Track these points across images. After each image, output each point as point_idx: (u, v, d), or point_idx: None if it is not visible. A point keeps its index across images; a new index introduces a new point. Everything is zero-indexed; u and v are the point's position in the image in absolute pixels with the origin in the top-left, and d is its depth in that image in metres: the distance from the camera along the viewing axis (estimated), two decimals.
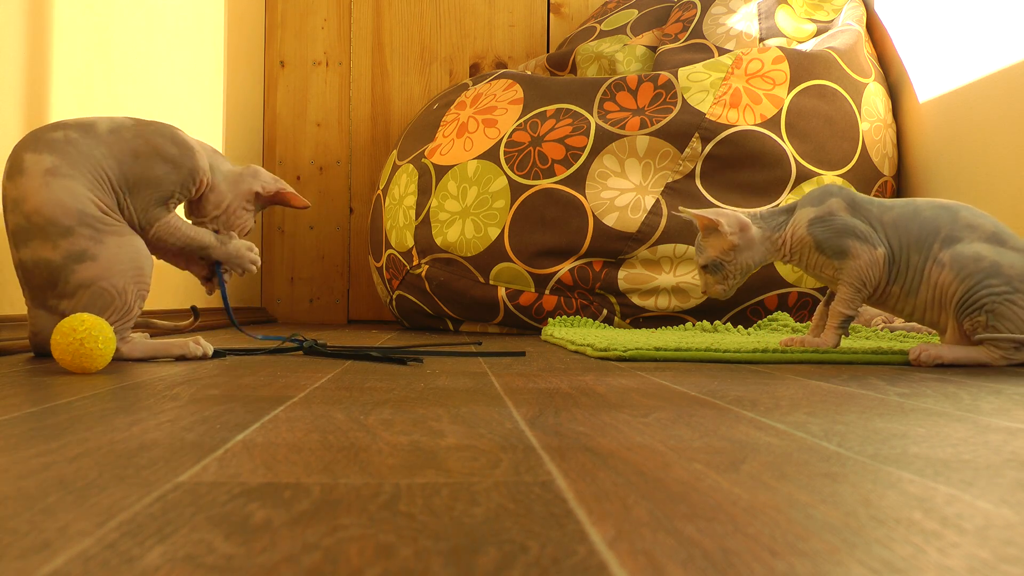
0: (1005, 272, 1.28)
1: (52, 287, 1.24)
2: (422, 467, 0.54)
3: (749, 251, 1.40)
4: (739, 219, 1.40)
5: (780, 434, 0.66)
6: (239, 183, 1.40)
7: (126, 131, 1.31)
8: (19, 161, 1.26)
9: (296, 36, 3.14)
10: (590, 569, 0.35)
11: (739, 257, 1.39)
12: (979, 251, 1.29)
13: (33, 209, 1.23)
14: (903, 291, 1.35)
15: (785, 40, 2.56)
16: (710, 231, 1.40)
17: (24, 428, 0.66)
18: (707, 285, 1.42)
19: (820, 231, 1.36)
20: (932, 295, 1.33)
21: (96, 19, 1.81)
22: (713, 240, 1.39)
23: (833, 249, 1.35)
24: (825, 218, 1.36)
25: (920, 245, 1.33)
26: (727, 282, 1.41)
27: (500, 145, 2.33)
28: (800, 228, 1.38)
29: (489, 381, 1.04)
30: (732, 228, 1.39)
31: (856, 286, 1.35)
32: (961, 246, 1.30)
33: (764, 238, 1.40)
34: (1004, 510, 0.44)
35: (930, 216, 1.34)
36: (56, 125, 1.29)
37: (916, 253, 1.33)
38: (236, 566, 0.34)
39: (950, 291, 1.31)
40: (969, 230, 1.32)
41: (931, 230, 1.33)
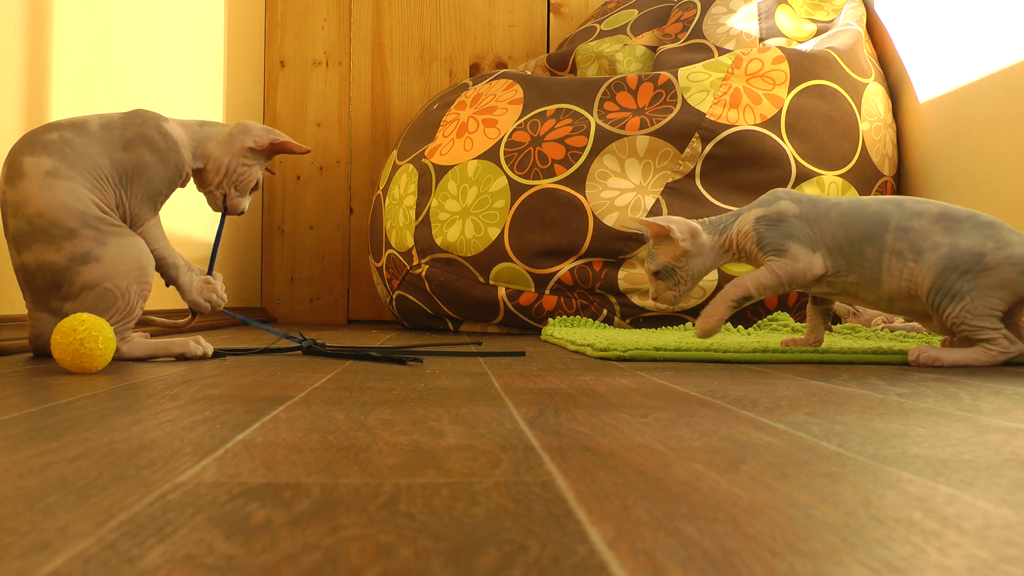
0: (963, 248, 1.29)
1: (56, 290, 1.24)
2: (422, 467, 0.54)
3: (700, 257, 1.41)
4: (690, 225, 1.41)
5: (780, 434, 0.66)
6: (231, 143, 1.41)
7: (116, 124, 1.32)
8: (17, 165, 1.26)
9: (296, 36, 3.14)
10: (590, 569, 0.35)
11: (691, 263, 1.41)
12: (935, 240, 1.31)
13: (36, 212, 1.23)
14: (863, 281, 1.36)
15: (785, 40, 2.56)
16: (661, 238, 1.41)
17: (24, 428, 0.66)
18: (658, 292, 1.43)
19: (765, 228, 1.38)
20: (899, 287, 1.34)
21: (96, 19, 1.81)
22: (665, 247, 1.40)
23: (773, 247, 1.37)
24: (772, 218, 1.38)
25: (872, 238, 1.35)
26: (678, 288, 1.42)
27: (500, 145, 2.33)
28: (747, 225, 1.40)
29: (489, 381, 1.04)
30: (684, 235, 1.40)
31: (781, 279, 1.36)
32: (916, 236, 1.32)
33: (713, 243, 1.42)
34: (1004, 510, 0.44)
35: (877, 209, 1.36)
36: (50, 127, 1.29)
37: (869, 246, 1.35)
38: (236, 566, 0.34)
39: (916, 282, 1.32)
40: (917, 217, 1.33)
41: (880, 222, 1.35)
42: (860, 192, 2.33)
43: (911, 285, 1.33)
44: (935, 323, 1.35)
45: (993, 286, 1.28)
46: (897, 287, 1.34)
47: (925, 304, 1.33)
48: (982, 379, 1.11)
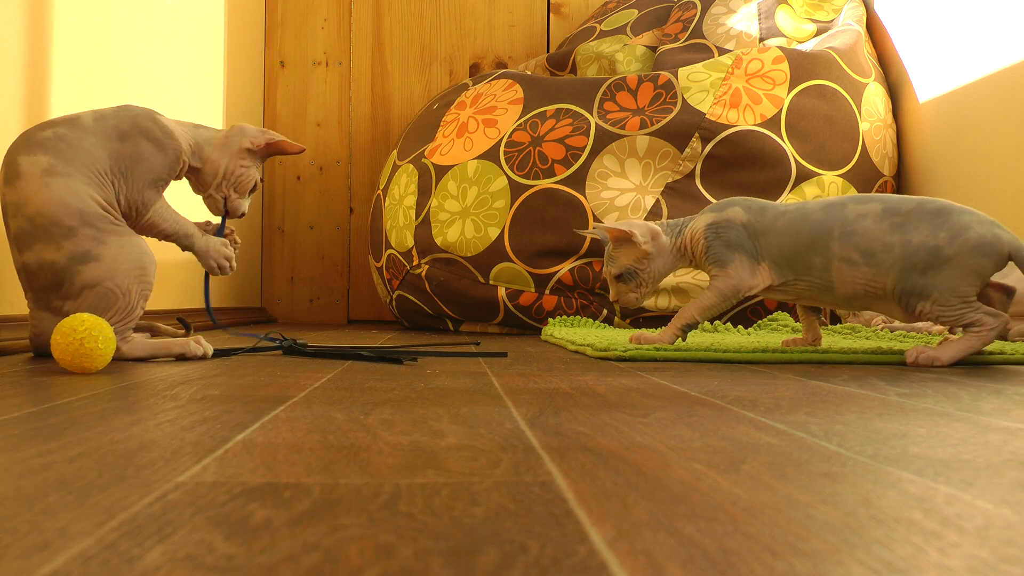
0: (916, 245, 1.28)
1: (57, 289, 1.24)
2: (422, 467, 0.54)
3: (661, 258, 1.42)
4: (650, 227, 1.42)
5: (780, 434, 0.66)
6: (228, 145, 1.41)
7: (109, 117, 1.33)
8: (14, 165, 1.26)
9: (296, 36, 3.14)
10: (590, 569, 0.35)
11: (652, 265, 1.42)
12: (885, 240, 1.30)
13: (35, 211, 1.24)
14: (815, 287, 1.37)
15: (785, 40, 2.56)
16: (622, 242, 1.41)
17: (24, 428, 0.66)
18: (620, 294, 1.43)
19: (712, 236, 1.39)
20: (855, 290, 1.34)
21: (96, 19, 1.81)
22: (626, 250, 1.41)
23: (715, 257, 1.39)
24: (721, 225, 1.39)
25: (818, 247, 1.34)
26: (640, 290, 1.43)
27: (500, 145, 2.33)
28: (698, 230, 1.41)
29: (489, 381, 1.04)
30: (645, 237, 1.41)
31: (725, 295, 1.38)
32: (862, 240, 1.32)
33: (672, 246, 1.43)
34: (1004, 510, 0.44)
35: (820, 218, 1.35)
36: (44, 125, 1.30)
37: (816, 255, 1.35)
38: (236, 566, 0.34)
39: (877, 285, 1.32)
40: (861, 219, 1.33)
41: (824, 231, 1.34)
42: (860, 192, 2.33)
43: (869, 288, 1.33)
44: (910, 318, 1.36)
45: (957, 276, 1.27)
46: (853, 291, 1.34)
47: (894, 304, 1.33)
48: (982, 379, 1.11)
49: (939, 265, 1.28)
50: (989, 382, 1.07)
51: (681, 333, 1.42)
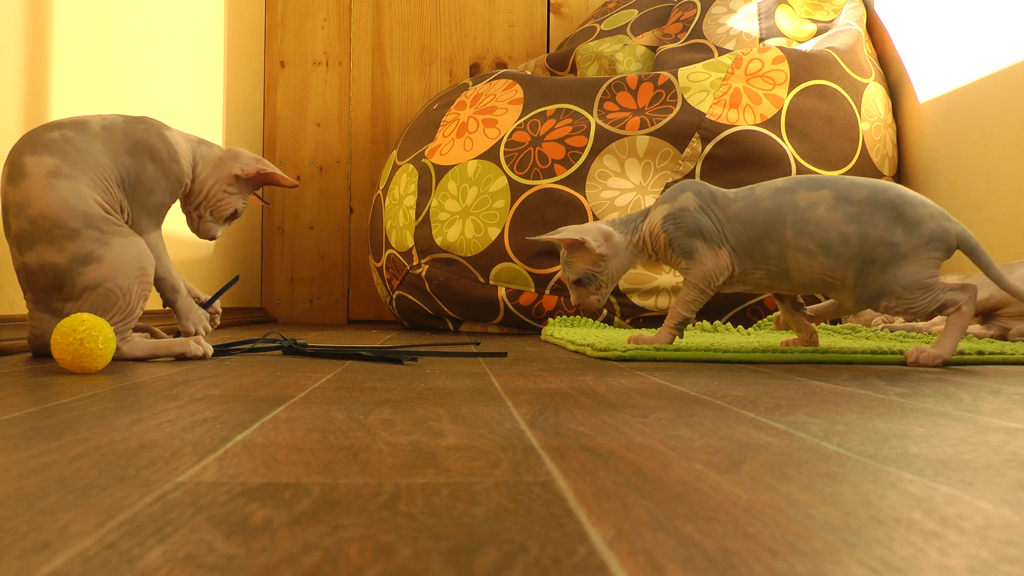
0: (875, 240, 1.29)
1: (58, 290, 1.24)
2: (422, 467, 0.54)
3: (617, 258, 1.42)
4: (601, 229, 1.42)
5: (780, 434, 0.66)
6: (219, 167, 1.41)
7: (117, 129, 1.32)
8: (19, 164, 1.25)
9: (296, 36, 3.14)
10: (590, 569, 0.35)
11: (609, 266, 1.42)
12: (841, 232, 1.30)
13: (38, 212, 1.23)
14: (771, 275, 1.37)
15: (785, 40, 2.56)
16: (576, 248, 1.41)
17: (24, 428, 0.66)
18: (580, 298, 1.43)
19: (672, 228, 1.39)
20: (811, 279, 1.34)
21: (96, 19, 1.81)
22: (581, 255, 1.41)
23: (681, 249, 1.39)
24: (677, 215, 1.39)
25: (771, 236, 1.35)
26: (600, 292, 1.43)
27: (500, 145, 2.33)
28: (656, 224, 1.41)
29: (489, 381, 1.04)
30: (598, 241, 1.40)
31: (700, 287, 1.39)
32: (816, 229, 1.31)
33: (627, 242, 1.43)
34: (1004, 510, 0.44)
35: (771, 205, 1.35)
36: (51, 125, 1.29)
37: (771, 243, 1.35)
38: (236, 566, 0.34)
39: (836, 277, 1.32)
40: (813, 207, 1.32)
41: (777, 219, 1.34)
42: None
43: (827, 277, 1.33)
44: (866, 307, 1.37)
45: (917, 270, 1.29)
46: (810, 279, 1.35)
47: (851, 296, 1.34)
48: (982, 379, 1.11)
49: (898, 261, 1.28)
50: (989, 382, 1.07)
51: (677, 332, 1.43)
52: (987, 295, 1.71)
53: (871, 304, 1.32)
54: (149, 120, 1.36)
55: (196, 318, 1.39)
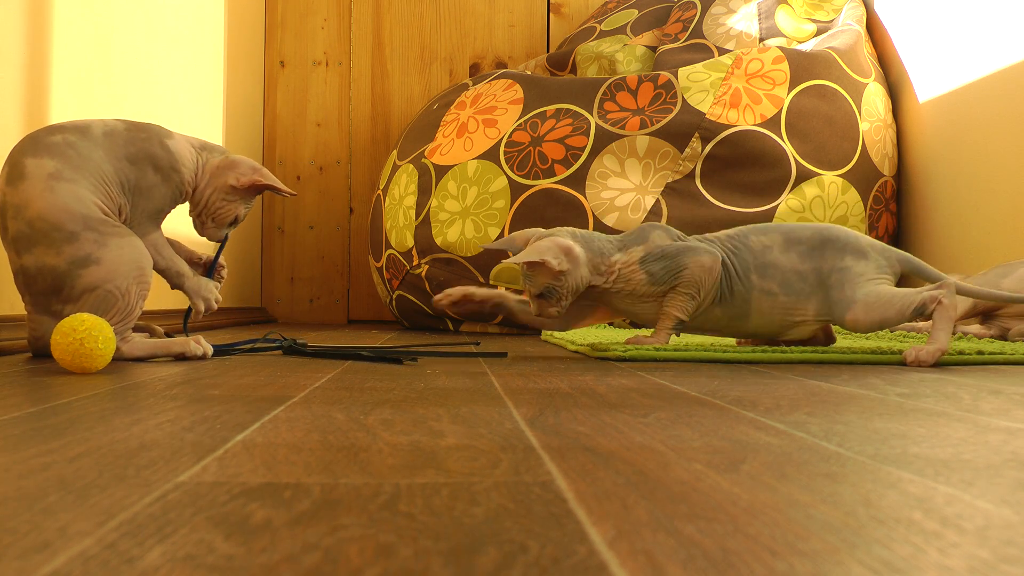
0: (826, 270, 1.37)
1: (56, 293, 1.24)
2: (422, 467, 0.54)
3: (577, 270, 1.41)
4: (560, 244, 1.40)
5: (780, 434, 0.66)
6: (217, 177, 1.40)
7: (119, 136, 1.31)
8: (19, 166, 1.25)
9: (296, 36, 3.14)
10: (590, 569, 0.35)
11: (569, 279, 1.41)
12: (798, 269, 1.38)
13: (36, 215, 1.23)
14: (728, 316, 1.42)
15: (785, 40, 2.56)
16: (536, 265, 1.41)
17: (24, 428, 0.66)
18: (541, 309, 1.42)
19: (653, 265, 1.40)
20: (771, 320, 1.41)
21: (96, 19, 1.81)
22: (541, 270, 1.40)
23: (671, 271, 1.40)
24: (655, 252, 1.41)
25: (740, 276, 1.40)
26: (560, 303, 1.42)
27: (500, 145, 2.33)
28: (631, 266, 1.42)
29: (489, 381, 1.04)
30: (559, 259, 1.40)
31: (691, 293, 1.40)
32: (776, 272, 1.39)
33: (587, 259, 1.42)
34: (1004, 510, 0.44)
35: (730, 248, 1.42)
36: (52, 129, 1.29)
37: (739, 283, 1.40)
38: (236, 566, 0.34)
39: (796, 312, 1.39)
40: (767, 251, 1.40)
41: (741, 262, 1.41)
42: (860, 193, 2.33)
43: (788, 317, 1.40)
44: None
45: (871, 287, 1.35)
46: (769, 321, 1.41)
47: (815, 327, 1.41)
48: (982, 379, 1.11)
49: (853, 280, 1.36)
50: (989, 382, 1.07)
51: (673, 332, 1.44)
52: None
53: (840, 323, 1.38)
54: (151, 128, 1.35)
55: (205, 292, 1.40)
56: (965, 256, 2.19)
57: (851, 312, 1.35)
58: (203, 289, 1.41)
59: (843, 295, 1.36)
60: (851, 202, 2.32)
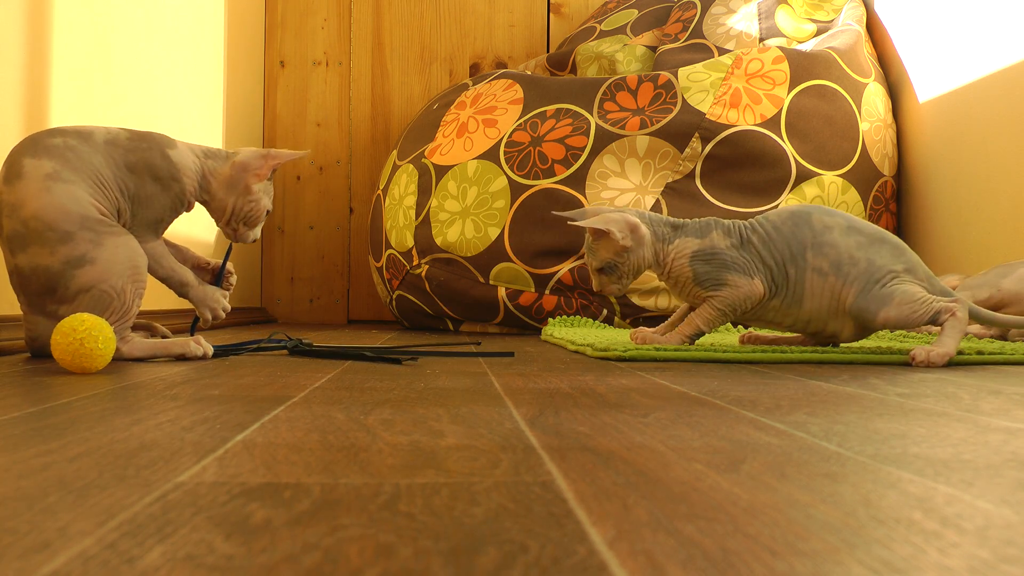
0: (879, 266, 1.36)
1: (51, 293, 1.24)
2: (422, 467, 0.54)
3: (641, 249, 1.42)
4: (628, 221, 1.42)
5: (780, 434, 0.66)
6: (234, 184, 1.39)
7: (120, 144, 1.31)
8: (18, 166, 1.25)
9: (296, 36, 3.14)
10: (590, 569, 0.35)
11: (631, 257, 1.42)
12: (852, 255, 1.37)
13: (31, 214, 1.23)
14: (784, 303, 1.41)
15: (785, 40, 2.56)
16: (601, 235, 1.41)
17: (24, 428, 0.66)
18: (602, 285, 1.43)
19: (700, 266, 1.40)
20: (819, 303, 1.39)
21: (96, 19, 1.81)
22: (605, 243, 1.41)
23: (712, 282, 1.40)
24: (707, 252, 1.40)
25: (794, 258, 1.39)
26: (621, 281, 1.43)
27: (500, 145, 2.33)
28: (682, 259, 1.41)
29: (489, 381, 1.04)
30: (623, 233, 1.40)
31: (725, 312, 1.40)
32: (831, 251, 1.38)
33: (652, 241, 1.43)
34: (1004, 510, 0.44)
35: (789, 229, 1.40)
36: (54, 132, 1.28)
37: (792, 266, 1.39)
38: (236, 566, 0.34)
39: (840, 295, 1.38)
40: (828, 231, 1.39)
41: (797, 242, 1.39)
42: (860, 193, 2.33)
43: (832, 301, 1.38)
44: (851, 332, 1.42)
45: (914, 288, 1.35)
46: (819, 305, 1.39)
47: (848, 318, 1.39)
48: (982, 379, 1.11)
49: (898, 281, 1.36)
50: (989, 382, 1.07)
51: (688, 341, 1.43)
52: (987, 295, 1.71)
53: (868, 318, 1.36)
54: (153, 137, 1.35)
55: (212, 302, 1.40)
56: (965, 256, 2.19)
57: (885, 311, 1.34)
58: (208, 298, 1.40)
59: (884, 291, 1.35)
60: (851, 202, 2.32)
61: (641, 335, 1.46)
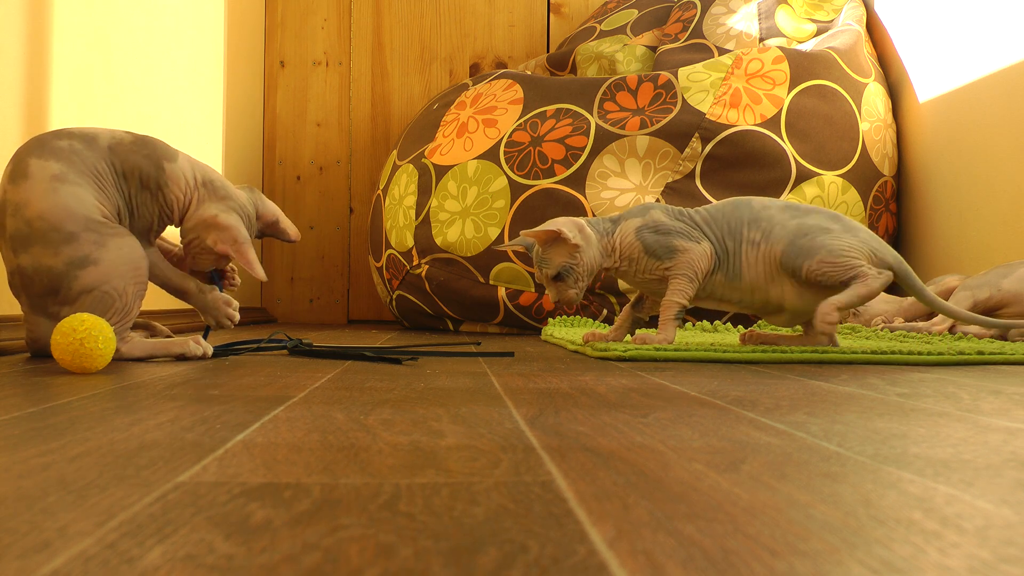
0: (811, 223, 1.40)
1: (53, 294, 1.23)
2: (422, 467, 0.54)
3: (591, 249, 1.43)
4: (574, 221, 1.44)
5: (780, 434, 0.66)
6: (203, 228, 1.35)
7: (122, 147, 1.31)
8: (23, 166, 1.25)
9: (296, 36, 3.14)
10: (590, 569, 0.35)
11: (584, 257, 1.43)
12: (783, 219, 1.41)
13: (36, 214, 1.23)
14: (727, 278, 1.43)
15: (785, 40, 2.56)
16: (550, 242, 1.41)
17: (24, 428, 0.66)
18: (560, 293, 1.43)
19: (648, 235, 1.43)
20: (757, 272, 1.42)
21: (96, 19, 1.81)
22: (557, 248, 1.42)
23: (663, 249, 1.42)
24: (651, 225, 1.43)
25: (733, 232, 1.43)
26: (578, 285, 1.43)
27: (500, 145, 2.33)
28: (628, 235, 1.44)
29: (489, 381, 1.04)
30: (573, 232, 1.42)
31: (688, 275, 1.42)
32: (766, 222, 1.42)
33: (596, 239, 1.44)
34: (1004, 510, 0.44)
35: (730, 209, 1.45)
36: (60, 133, 1.28)
37: (730, 239, 1.43)
38: (236, 566, 0.34)
39: (773, 257, 1.41)
40: (765, 208, 1.44)
41: (735, 218, 1.43)
42: (860, 193, 2.33)
43: (767, 266, 1.41)
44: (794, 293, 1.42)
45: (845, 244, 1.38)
46: (756, 274, 1.42)
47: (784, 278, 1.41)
48: (982, 379, 1.11)
49: (829, 234, 1.38)
50: (989, 382, 1.07)
51: (677, 321, 1.45)
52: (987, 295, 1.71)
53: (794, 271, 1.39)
54: (155, 145, 1.34)
55: (214, 312, 1.39)
56: (965, 256, 2.19)
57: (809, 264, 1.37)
58: (211, 308, 1.38)
59: (812, 243, 1.38)
60: (851, 202, 2.32)
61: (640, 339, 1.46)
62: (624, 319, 1.51)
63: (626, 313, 1.51)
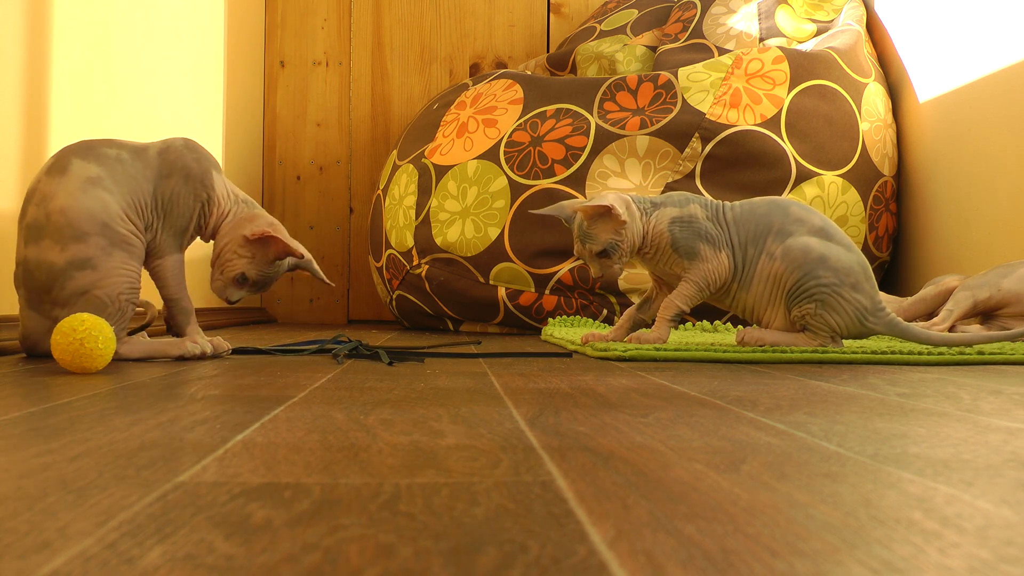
0: (832, 264, 1.38)
1: (47, 292, 1.24)
2: (422, 467, 0.54)
3: (634, 224, 1.44)
4: (621, 197, 1.44)
5: (780, 434, 0.66)
6: (235, 228, 1.37)
7: (174, 149, 1.34)
8: (64, 162, 1.27)
9: (296, 36, 3.14)
10: (590, 569, 0.35)
11: (629, 233, 1.43)
12: (808, 243, 1.39)
13: (57, 208, 1.24)
14: (739, 286, 1.44)
15: (785, 40, 2.56)
16: (596, 217, 1.41)
17: (24, 428, 0.66)
18: (603, 268, 1.44)
19: (679, 230, 1.43)
20: (763, 288, 1.42)
21: (96, 19, 1.81)
22: (603, 224, 1.41)
23: (686, 249, 1.42)
24: (685, 219, 1.43)
25: (756, 240, 1.42)
26: (621, 260, 1.44)
27: (500, 145, 2.33)
28: (661, 224, 1.44)
29: (489, 381, 1.04)
30: (622, 208, 1.42)
31: (700, 285, 1.42)
32: (791, 240, 1.40)
33: (639, 216, 1.45)
34: (1004, 510, 0.44)
35: (763, 212, 1.43)
36: (112, 142, 1.31)
37: (752, 247, 1.42)
38: (236, 566, 0.34)
39: (781, 281, 1.40)
40: (798, 224, 1.41)
41: (765, 224, 1.42)
42: (860, 193, 2.33)
43: (774, 287, 1.42)
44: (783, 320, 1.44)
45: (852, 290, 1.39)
46: (762, 290, 1.43)
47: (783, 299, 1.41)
48: (982, 379, 1.11)
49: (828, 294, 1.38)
50: (989, 382, 1.07)
51: (673, 324, 1.45)
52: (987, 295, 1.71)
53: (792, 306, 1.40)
54: (206, 153, 1.36)
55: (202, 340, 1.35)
56: (965, 256, 2.19)
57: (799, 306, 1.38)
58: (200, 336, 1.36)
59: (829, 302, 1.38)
60: (851, 202, 2.32)
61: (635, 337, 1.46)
62: (627, 320, 1.51)
63: (630, 314, 1.51)
